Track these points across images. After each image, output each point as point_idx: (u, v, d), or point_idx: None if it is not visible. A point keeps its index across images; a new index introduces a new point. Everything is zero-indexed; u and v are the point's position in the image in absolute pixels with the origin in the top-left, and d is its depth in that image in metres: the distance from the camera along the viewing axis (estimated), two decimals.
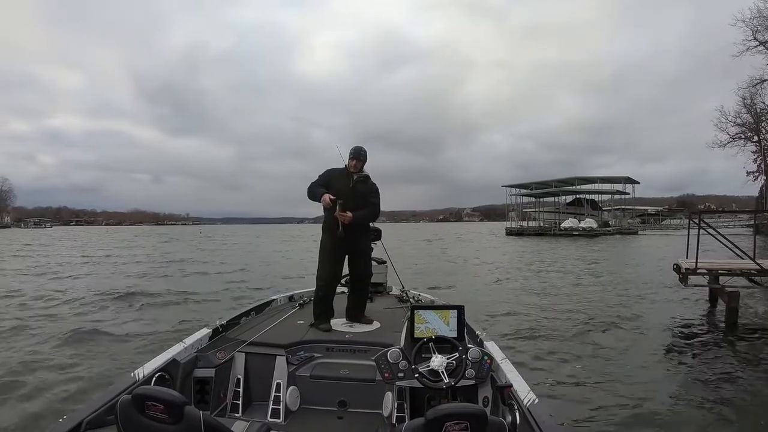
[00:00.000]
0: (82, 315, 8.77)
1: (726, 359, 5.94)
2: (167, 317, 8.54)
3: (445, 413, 1.59)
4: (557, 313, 8.76)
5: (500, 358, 2.89)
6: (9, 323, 7.81)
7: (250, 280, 14.37)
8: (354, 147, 4.06)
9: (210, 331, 3.45)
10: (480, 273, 16.55)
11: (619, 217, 63.16)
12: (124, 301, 10.16)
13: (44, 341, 6.74)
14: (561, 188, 61.37)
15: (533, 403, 2.29)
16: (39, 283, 13.32)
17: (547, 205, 65.00)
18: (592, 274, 15.53)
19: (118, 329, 7.46)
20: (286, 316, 4.13)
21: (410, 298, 4.96)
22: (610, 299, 10.39)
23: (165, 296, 10.93)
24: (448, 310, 2.89)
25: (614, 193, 61.61)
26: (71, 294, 11.17)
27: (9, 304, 9.92)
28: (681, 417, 4.26)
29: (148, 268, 18.21)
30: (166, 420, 1.67)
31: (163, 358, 2.87)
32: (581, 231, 50.59)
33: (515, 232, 55.68)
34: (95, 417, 2.13)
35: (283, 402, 3.04)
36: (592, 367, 5.66)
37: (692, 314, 8.64)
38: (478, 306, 9.08)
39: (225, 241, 44.38)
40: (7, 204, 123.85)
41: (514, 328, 7.54)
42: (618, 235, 50.00)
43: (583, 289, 12.14)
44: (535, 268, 17.73)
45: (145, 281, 14.06)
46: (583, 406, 4.52)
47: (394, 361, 2.63)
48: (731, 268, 7.94)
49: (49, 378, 5.13)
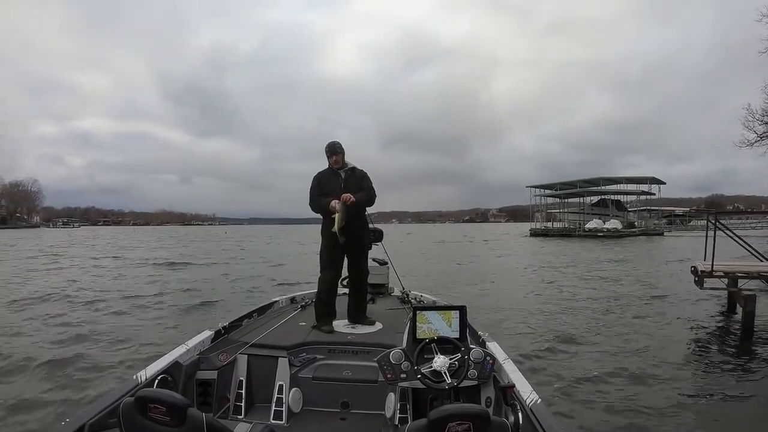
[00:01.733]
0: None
1: (738, 368, 5.77)
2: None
3: (447, 414, 1.61)
4: (564, 317, 8.74)
5: (503, 358, 2.91)
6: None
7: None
8: (327, 143, 4.08)
9: (212, 333, 3.47)
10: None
11: (645, 217, 62.03)
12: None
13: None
14: (586, 189, 60.58)
15: (536, 403, 2.30)
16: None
17: (573, 205, 64.25)
18: (605, 278, 15.34)
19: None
20: (288, 317, 4.16)
21: (412, 299, 4.96)
22: (622, 301, 10.34)
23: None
24: (450, 310, 2.91)
25: (639, 193, 60.28)
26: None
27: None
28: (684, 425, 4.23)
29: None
30: (168, 422, 1.69)
31: (166, 360, 2.89)
32: (606, 232, 49.81)
33: (539, 233, 55.26)
34: (98, 420, 2.14)
35: (286, 404, 3.06)
36: (599, 370, 5.60)
37: (708, 318, 8.51)
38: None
39: (246, 242, 45.15)
40: (36, 204, 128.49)
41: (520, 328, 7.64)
42: (643, 236, 49.09)
43: (593, 291, 12.14)
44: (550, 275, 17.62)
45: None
46: (587, 406, 4.55)
47: (396, 362, 2.65)
48: (749, 271, 7.69)
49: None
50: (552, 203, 66.69)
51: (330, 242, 4.00)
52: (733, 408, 4.59)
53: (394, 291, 5.46)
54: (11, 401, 4.68)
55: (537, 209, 65.26)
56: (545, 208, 65.84)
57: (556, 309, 9.56)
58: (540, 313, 9.18)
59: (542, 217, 64.44)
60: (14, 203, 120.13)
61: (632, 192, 61.04)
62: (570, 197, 64.50)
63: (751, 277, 7.71)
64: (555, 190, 64.13)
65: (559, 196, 64.60)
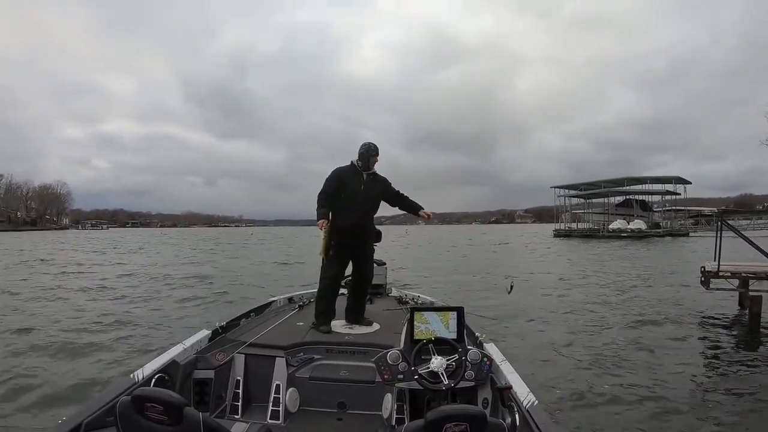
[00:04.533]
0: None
1: (742, 371, 5.62)
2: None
3: (444, 415, 1.61)
4: (566, 319, 8.60)
5: (500, 359, 2.91)
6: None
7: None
8: (365, 144, 4.01)
9: (210, 333, 3.47)
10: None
11: (671, 218, 61.16)
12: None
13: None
14: (610, 189, 60.10)
15: (533, 404, 2.30)
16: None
17: (597, 206, 63.71)
18: (618, 281, 14.80)
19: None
20: (285, 317, 4.14)
21: (410, 299, 4.96)
22: (632, 301, 10.25)
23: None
24: (448, 311, 2.91)
25: (664, 193, 59.23)
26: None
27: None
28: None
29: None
30: (165, 422, 1.68)
31: (163, 359, 2.89)
32: (629, 233, 49.26)
33: (563, 234, 55.27)
34: (94, 418, 2.14)
35: (283, 403, 3.05)
36: (597, 372, 5.57)
37: (715, 320, 8.20)
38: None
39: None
40: (65, 207, 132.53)
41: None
42: (668, 236, 48.26)
43: (600, 291, 12.05)
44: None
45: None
46: (585, 408, 4.51)
47: (393, 363, 2.64)
48: (756, 272, 7.50)
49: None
50: (576, 204, 66.22)
51: (337, 240, 3.99)
52: (727, 409, 4.46)
53: (392, 291, 5.49)
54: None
55: (563, 210, 65.02)
56: (570, 208, 65.49)
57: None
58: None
59: (568, 218, 64.15)
60: (44, 205, 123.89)
61: (656, 192, 60.11)
62: (594, 197, 63.97)
63: (758, 278, 7.52)
64: (579, 191, 63.76)
65: (584, 196, 64.06)
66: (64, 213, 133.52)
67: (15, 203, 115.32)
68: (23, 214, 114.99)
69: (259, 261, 22.99)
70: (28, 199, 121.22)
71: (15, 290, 12.21)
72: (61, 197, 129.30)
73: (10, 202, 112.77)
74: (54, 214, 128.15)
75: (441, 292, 10.74)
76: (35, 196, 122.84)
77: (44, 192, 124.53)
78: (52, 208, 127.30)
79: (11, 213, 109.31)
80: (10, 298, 11.10)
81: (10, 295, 11.43)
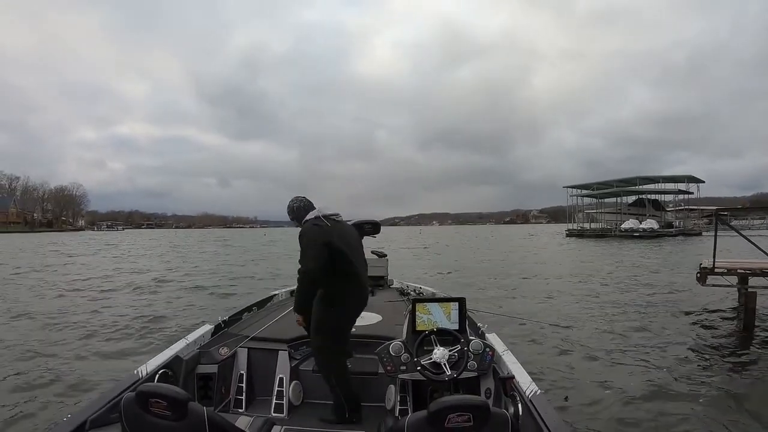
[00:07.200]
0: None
1: (734, 366, 5.63)
2: None
3: (447, 405, 1.61)
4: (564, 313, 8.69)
5: (502, 349, 2.92)
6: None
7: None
8: (313, 208, 3.24)
9: (212, 327, 3.49)
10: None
11: (684, 217, 60.45)
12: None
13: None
14: (622, 188, 59.66)
15: (535, 394, 2.31)
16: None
17: (610, 206, 63.26)
18: (611, 274, 15.12)
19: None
20: (287, 310, 4.08)
21: (411, 291, 4.94)
22: (628, 297, 10.36)
23: None
24: (450, 302, 2.90)
25: (676, 192, 58.81)
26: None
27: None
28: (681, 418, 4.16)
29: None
30: (170, 417, 1.69)
31: (166, 355, 2.90)
32: (641, 232, 48.74)
33: (575, 234, 55.14)
34: (99, 415, 2.15)
35: (286, 397, 3.06)
36: (594, 363, 5.64)
37: (710, 316, 8.33)
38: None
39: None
40: (81, 208, 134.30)
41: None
42: (680, 236, 47.78)
43: (591, 286, 12.22)
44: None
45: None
46: (587, 398, 4.55)
47: (396, 354, 2.65)
48: (751, 268, 7.48)
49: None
50: (589, 203, 65.79)
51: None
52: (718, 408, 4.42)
53: (394, 283, 5.48)
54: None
55: (577, 210, 64.66)
56: (583, 208, 65.04)
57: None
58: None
59: (582, 217, 63.73)
60: (60, 207, 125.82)
61: (669, 191, 59.59)
62: (606, 197, 63.58)
63: (754, 274, 7.55)
64: (592, 190, 63.37)
65: (596, 196, 63.69)
66: (79, 214, 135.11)
67: (31, 205, 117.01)
68: (39, 215, 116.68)
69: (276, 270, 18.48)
70: (45, 201, 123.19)
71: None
72: (77, 199, 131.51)
73: (26, 204, 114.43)
74: (70, 216, 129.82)
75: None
76: (51, 197, 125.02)
77: (60, 194, 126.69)
78: (67, 209, 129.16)
79: (27, 215, 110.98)
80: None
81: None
